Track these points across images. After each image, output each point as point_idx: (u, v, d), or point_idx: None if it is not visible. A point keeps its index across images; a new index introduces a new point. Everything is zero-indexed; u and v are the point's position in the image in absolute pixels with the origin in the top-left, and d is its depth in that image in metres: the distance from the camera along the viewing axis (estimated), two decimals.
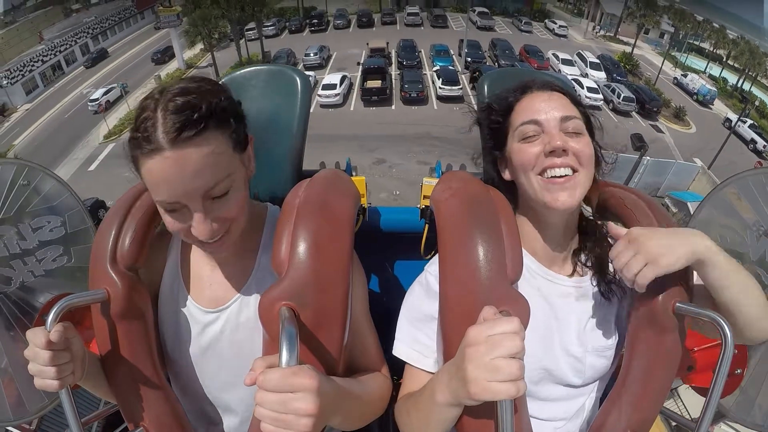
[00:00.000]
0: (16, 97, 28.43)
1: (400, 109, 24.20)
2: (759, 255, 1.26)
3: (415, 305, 1.05)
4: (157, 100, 0.80)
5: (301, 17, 37.56)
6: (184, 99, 0.78)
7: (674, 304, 0.93)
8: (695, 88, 28.77)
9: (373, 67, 26.06)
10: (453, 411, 0.84)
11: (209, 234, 0.86)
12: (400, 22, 37.10)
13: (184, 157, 0.78)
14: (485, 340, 0.72)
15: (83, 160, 21.74)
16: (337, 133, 19.74)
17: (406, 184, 16.53)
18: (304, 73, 1.33)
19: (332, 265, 0.90)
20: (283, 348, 0.73)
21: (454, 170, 1.24)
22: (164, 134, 0.76)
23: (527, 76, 1.14)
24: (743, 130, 23.39)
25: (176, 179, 0.80)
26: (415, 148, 19.50)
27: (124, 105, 25.35)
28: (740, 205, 1.28)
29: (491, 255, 0.89)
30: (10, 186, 1.23)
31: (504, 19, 38.24)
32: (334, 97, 23.83)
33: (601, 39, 36.76)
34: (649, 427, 1.00)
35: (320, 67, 28.86)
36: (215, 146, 0.81)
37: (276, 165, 1.25)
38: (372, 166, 18.38)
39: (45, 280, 1.26)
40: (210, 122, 0.79)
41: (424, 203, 1.44)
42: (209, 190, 0.83)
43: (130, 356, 0.99)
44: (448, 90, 24.40)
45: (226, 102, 0.85)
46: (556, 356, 1.03)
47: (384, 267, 1.71)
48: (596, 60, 29.57)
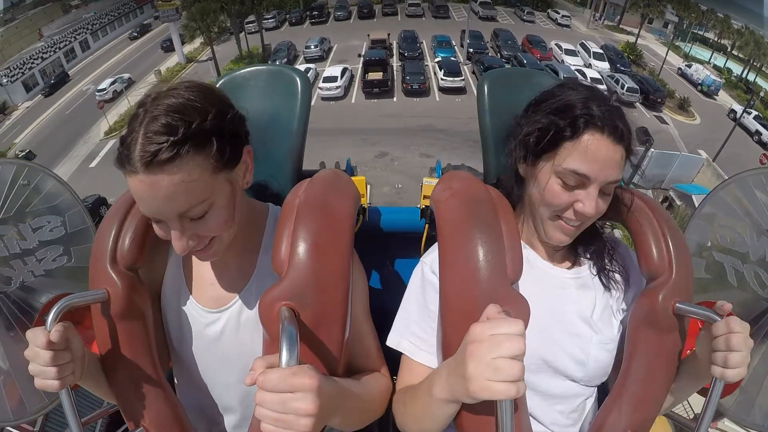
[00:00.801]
0: (16, 95, 28.50)
1: (401, 101, 24.13)
2: (759, 255, 1.25)
3: (411, 297, 1.06)
4: (145, 111, 0.79)
5: (302, 9, 37.44)
6: (165, 120, 0.77)
7: (674, 304, 0.94)
8: (700, 79, 28.67)
9: (374, 59, 25.97)
10: (450, 407, 0.85)
11: (183, 250, 0.87)
12: (401, 13, 37.02)
13: (157, 183, 0.78)
14: (488, 338, 0.72)
15: (84, 157, 21.83)
16: (338, 126, 19.73)
17: (409, 178, 16.48)
18: (304, 73, 1.32)
19: (332, 265, 0.90)
20: (283, 348, 0.73)
21: (454, 170, 1.24)
22: (139, 158, 0.76)
23: (528, 77, 1.13)
24: (748, 122, 23.31)
25: (151, 200, 0.80)
26: (418, 141, 19.43)
27: (124, 101, 25.36)
28: (740, 205, 1.28)
29: (491, 255, 0.89)
30: (10, 186, 1.23)
31: (506, 9, 38.10)
32: (335, 90, 23.76)
33: (604, 29, 36.48)
34: (649, 427, 1.00)
35: (321, 59, 28.82)
36: (188, 173, 0.79)
37: (276, 165, 1.24)
38: (374, 159, 18.36)
39: (45, 280, 1.26)
40: (185, 148, 0.78)
41: (424, 203, 1.44)
42: (184, 213, 0.83)
43: (130, 356, 0.99)
44: (450, 81, 24.32)
45: (212, 121, 0.82)
46: (555, 347, 1.03)
47: (384, 267, 1.71)
48: (600, 50, 29.42)
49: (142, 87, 27.25)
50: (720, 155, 19.25)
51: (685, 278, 0.96)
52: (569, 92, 0.95)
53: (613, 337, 1.06)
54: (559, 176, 0.93)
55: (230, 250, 1.00)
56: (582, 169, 0.90)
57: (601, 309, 1.06)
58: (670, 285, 0.95)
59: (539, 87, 1.06)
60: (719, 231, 1.28)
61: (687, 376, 1.00)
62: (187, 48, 32.08)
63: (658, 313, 0.95)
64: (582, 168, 0.90)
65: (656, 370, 0.98)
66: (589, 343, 1.04)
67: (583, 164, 0.90)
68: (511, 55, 28.70)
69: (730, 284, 1.27)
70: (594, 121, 0.89)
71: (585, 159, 0.90)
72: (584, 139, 0.90)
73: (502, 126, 1.13)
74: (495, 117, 1.22)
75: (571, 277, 1.07)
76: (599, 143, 0.89)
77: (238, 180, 0.92)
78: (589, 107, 0.90)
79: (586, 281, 1.07)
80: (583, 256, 1.10)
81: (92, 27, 35.27)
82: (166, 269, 1.09)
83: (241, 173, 0.92)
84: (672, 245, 0.98)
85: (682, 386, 1.02)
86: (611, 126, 0.90)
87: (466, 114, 19.26)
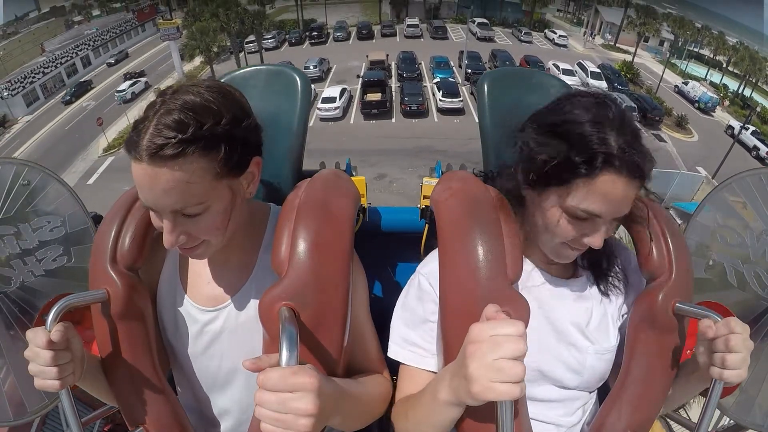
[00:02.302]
0: (16, 109, 28.71)
1: (400, 122, 24.12)
2: (759, 255, 1.25)
3: (408, 308, 1.04)
4: (163, 102, 0.80)
5: (301, 30, 37.81)
6: (178, 116, 0.77)
7: (674, 304, 0.94)
8: (696, 96, 28.86)
9: (372, 80, 26.02)
10: (454, 411, 0.84)
11: (171, 244, 0.86)
12: (400, 34, 37.34)
13: (157, 175, 0.78)
14: (488, 338, 0.72)
15: (82, 173, 21.83)
16: (336, 147, 19.61)
17: (408, 199, 16.31)
18: (304, 72, 1.33)
19: (332, 265, 0.90)
20: (283, 348, 0.72)
21: (454, 170, 1.25)
22: (146, 147, 0.76)
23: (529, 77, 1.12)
24: (746, 137, 23.41)
25: (149, 190, 0.81)
26: (417, 162, 19.32)
27: (123, 118, 25.67)
28: (740, 205, 1.28)
29: (491, 255, 0.89)
30: (10, 186, 1.23)
31: (504, 29, 38.51)
32: (333, 111, 23.73)
33: (601, 48, 36.91)
34: (649, 427, 1.00)
35: (320, 79, 28.88)
36: (190, 174, 0.79)
37: (276, 165, 1.25)
38: (373, 181, 18.26)
39: (45, 280, 1.26)
40: (192, 148, 0.78)
41: (424, 203, 1.44)
42: (179, 210, 0.83)
43: (130, 356, 0.99)
44: (449, 102, 24.36)
45: (224, 126, 0.81)
46: (551, 358, 1.02)
47: (384, 267, 1.71)
48: (597, 70, 29.64)
49: (143, 102, 27.25)
50: (719, 172, 19.28)
51: (685, 278, 0.96)
52: (578, 110, 0.87)
53: (610, 347, 1.05)
54: (568, 212, 0.88)
55: (230, 249, 1.00)
56: (595, 210, 0.85)
57: (598, 319, 1.05)
58: (670, 285, 0.95)
59: (539, 87, 1.06)
60: (719, 231, 1.28)
61: (686, 379, 1.00)
62: (187, 67, 32.43)
63: (658, 313, 0.95)
64: (595, 209, 0.85)
65: (656, 370, 0.98)
66: (586, 353, 1.03)
67: (597, 205, 0.85)
68: None
69: (730, 284, 1.27)
70: (612, 161, 0.81)
71: (599, 200, 0.84)
72: (600, 179, 0.83)
73: (502, 126, 1.14)
74: (495, 117, 1.23)
75: (568, 286, 1.06)
76: (615, 184, 0.83)
77: (241, 189, 0.91)
78: (606, 140, 0.82)
79: (583, 290, 1.06)
80: (581, 266, 1.09)
81: (94, 43, 35.71)
82: (163, 268, 1.09)
83: (245, 183, 0.92)
84: (672, 245, 0.98)
85: (682, 388, 1.02)
86: (630, 164, 0.82)
87: (465, 135, 19.52)
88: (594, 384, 1.07)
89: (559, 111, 0.90)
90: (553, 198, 0.89)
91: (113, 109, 27.55)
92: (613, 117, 0.85)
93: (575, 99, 0.90)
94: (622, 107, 0.88)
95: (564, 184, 0.86)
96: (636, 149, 0.83)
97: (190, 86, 0.83)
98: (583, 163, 0.82)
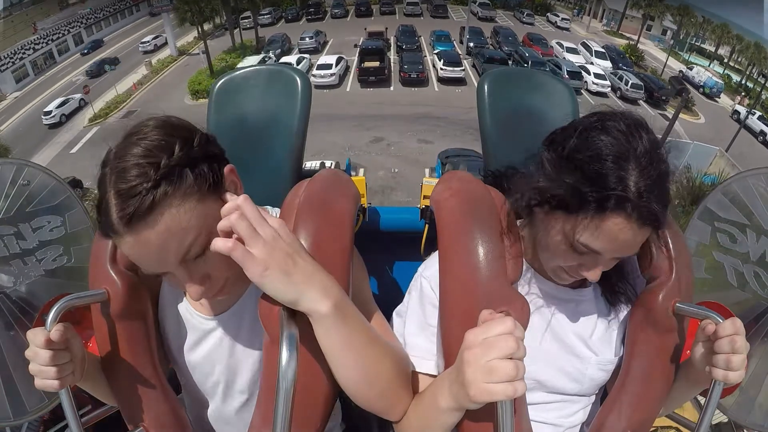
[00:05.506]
0: (6, 85, 28.69)
1: (399, 90, 23.69)
2: (759, 255, 1.25)
3: (411, 311, 1.04)
4: (111, 170, 0.75)
5: (298, 6, 37.23)
6: (133, 173, 0.73)
7: (674, 304, 0.93)
8: (701, 81, 28.59)
9: (371, 47, 25.30)
10: (454, 415, 0.84)
11: (200, 295, 0.84)
12: (400, 12, 36.98)
13: (143, 240, 0.75)
14: (481, 342, 0.72)
15: (65, 143, 21.71)
16: (332, 112, 19.24)
17: (406, 162, 15.80)
18: (305, 73, 1.32)
19: (332, 266, 0.89)
20: (283, 349, 0.72)
21: (455, 170, 1.24)
22: (118, 221, 0.73)
23: (529, 77, 1.11)
24: (753, 122, 23.26)
25: (145, 259, 0.79)
26: (416, 127, 18.85)
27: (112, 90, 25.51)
28: (740, 204, 1.28)
29: (491, 255, 0.89)
30: (10, 186, 1.23)
31: (505, 12, 38.04)
32: (329, 77, 23.22)
33: (603, 33, 36.46)
34: (649, 427, 1.01)
35: (316, 51, 28.58)
36: (171, 218, 0.75)
37: (276, 165, 1.25)
38: (369, 144, 17.92)
39: (45, 280, 1.26)
40: (160, 191, 0.74)
41: (424, 203, 1.43)
42: (184, 256, 0.80)
43: (130, 356, 0.99)
44: (450, 71, 23.86)
45: (179, 153, 0.77)
46: (552, 367, 1.02)
47: (384, 267, 1.71)
48: (601, 49, 29.33)
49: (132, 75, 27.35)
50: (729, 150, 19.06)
51: (685, 278, 0.96)
52: (604, 138, 0.80)
53: (612, 359, 1.05)
54: (569, 241, 0.85)
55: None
56: (596, 248, 0.82)
57: (602, 330, 1.05)
58: (670, 285, 0.95)
59: (540, 87, 1.05)
60: (719, 231, 1.28)
61: (686, 379, 1.00)
62: (180, 42, 32.08)
63: (658, 313, 0.94)
64: (597, 247, 0.82)
65: (656, 370, 0.98)
66: (588, 363, 1.03)
67: (599, 244, 0.82)
68: (512, 50, 28.42)
69: (730, 284, 1.27)
70: (625, 205, 0.77)
71: (603, 240, 0.81)
72: (609, 221, 0.79)
73: (502, 125, 1.13)
74: (495, 117, 1.22)
75: (574, 296, 1.04)
76: (622, 228, 0.79)
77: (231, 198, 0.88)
78: (625, 180, 0.77)
79: (590, 301, 1.05)
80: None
81: (86, 22, 35.30)
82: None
83: (233, 192, 0.88)
84: (672, 245, 0.97)
85: (681, 388, 1.02)
86: (644, 212, 0.78)
87: (467, 104, 18.67)
88: (593, 390, 1.08)
89: (584, 136, 0.83)
90: (559, 223, 0.86)
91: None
92: (641, 152, 0.78)
93: (606, 123, 0.83)
94: (655, 138, 0.81)
95: (572, 213, 0.82)
96: (656, 194, 0.78)
97: (124, 142, 0.78)
98: (594, 201, 0.78)
